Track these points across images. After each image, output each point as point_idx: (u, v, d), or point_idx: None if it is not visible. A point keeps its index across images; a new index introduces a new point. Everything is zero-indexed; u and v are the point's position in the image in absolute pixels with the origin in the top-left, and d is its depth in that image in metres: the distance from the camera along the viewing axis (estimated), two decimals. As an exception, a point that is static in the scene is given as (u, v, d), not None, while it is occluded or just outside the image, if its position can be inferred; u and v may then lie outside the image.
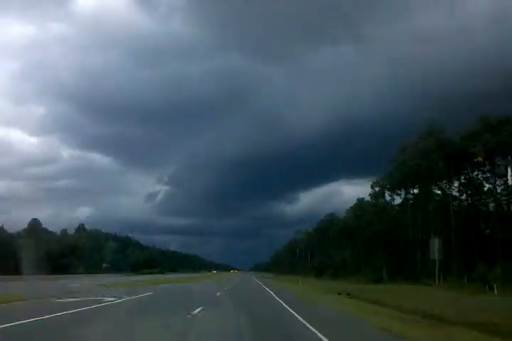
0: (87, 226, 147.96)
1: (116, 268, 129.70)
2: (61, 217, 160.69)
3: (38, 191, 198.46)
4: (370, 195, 75.85)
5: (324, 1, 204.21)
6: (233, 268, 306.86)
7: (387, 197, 70.60)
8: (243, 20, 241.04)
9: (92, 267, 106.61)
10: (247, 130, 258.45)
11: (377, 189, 73.04)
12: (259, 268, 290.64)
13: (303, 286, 49.26)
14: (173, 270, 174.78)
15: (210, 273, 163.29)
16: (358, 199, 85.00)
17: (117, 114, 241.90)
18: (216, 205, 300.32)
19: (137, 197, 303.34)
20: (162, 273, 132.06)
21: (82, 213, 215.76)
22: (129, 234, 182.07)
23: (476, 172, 53.97)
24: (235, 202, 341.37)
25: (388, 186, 68.84)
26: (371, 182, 72.50)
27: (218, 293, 30.62)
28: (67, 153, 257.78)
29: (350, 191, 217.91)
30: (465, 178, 55.26)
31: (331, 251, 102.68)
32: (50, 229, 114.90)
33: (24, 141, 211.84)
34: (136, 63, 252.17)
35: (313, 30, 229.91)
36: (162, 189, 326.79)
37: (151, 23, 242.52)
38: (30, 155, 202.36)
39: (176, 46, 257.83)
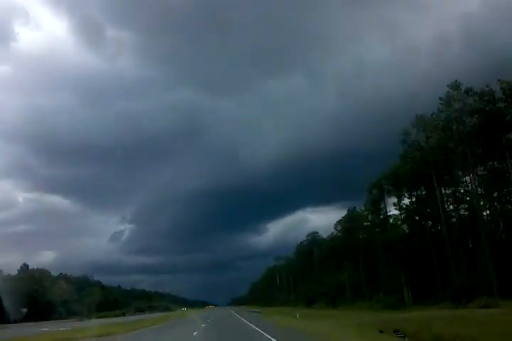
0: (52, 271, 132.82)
1: (69, 312, 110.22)
2: (22, 262, 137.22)
3: None
4: (366, 201, 62.31)
5: (270, 33, 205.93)
6: (209, 304, 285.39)
7: (391, 200, 57.03)
8: (191, 56, 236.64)
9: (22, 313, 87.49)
10: (207, 163, 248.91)
11: (374, 191, 59.62)
12: (237, 302, 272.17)
13: (308, 322, 34.32)
14: (141, 310, 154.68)
15: (181, 311, 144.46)
16: (349, 210, 71.17)
17: (71, 154, 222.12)
18: (185, 241, 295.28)
19: (101, 237, 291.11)
20: (123, 314, 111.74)
21: (45, 257, 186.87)
22: (91, 275, 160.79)
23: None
24: (204, 237, 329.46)
25: (391, 187, 55.41)
26: (368, 185, 58.96)
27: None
28: (23, 197, 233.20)
29: (316, 219, 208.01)
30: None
31: (322, 276, 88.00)
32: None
33: None
34: (86, 103, 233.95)
35: (264, 62, 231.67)
36: (127, 227, 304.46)
37: (99, 62, 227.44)
38: None
39: (126, 84, 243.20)
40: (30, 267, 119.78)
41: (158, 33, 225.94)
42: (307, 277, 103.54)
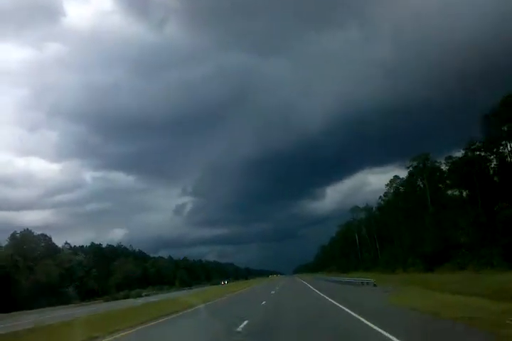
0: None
1: (85, 291, 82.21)
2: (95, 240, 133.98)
3: (67, 217, 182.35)
4: None
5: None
6: (273, 273, 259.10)
7: None
8: (237, 17, 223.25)
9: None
10: (262, 128, 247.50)
11: None
12: (304, 269, 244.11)
13: None
14: (188, 284, 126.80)
15: (234, 283, 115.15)
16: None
17: (130, 129, 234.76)
18: (245, 211, 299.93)
19: (165, 211, 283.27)
20: (139, 295, 78.42)
21: (115, 234, 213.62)
22: (128, 243, 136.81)
23: None
24: (264, 206, 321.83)
25: None
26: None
27: None
28: (91, 176, 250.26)
29: (376, 181, 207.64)
30: None
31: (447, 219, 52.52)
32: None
33: (46, 168, 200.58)
34: (138, 75, 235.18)
35: (310, 16, 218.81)
36: (188, 200, 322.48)
37: (146, 33, 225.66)
38: (54, 182, 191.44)
39: (175, 52, 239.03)
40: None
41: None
42: (411, 225, 68.40)
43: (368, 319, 13.06)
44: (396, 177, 75.10)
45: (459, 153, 52.17)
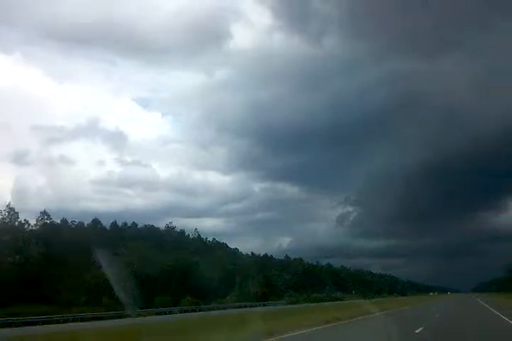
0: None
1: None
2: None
3: (238, 225, 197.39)
4: None
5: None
6: (443, 290, 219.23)
7: None
8: (398, 23, 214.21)
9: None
10: (429, 134, 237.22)
11: None
12: (487, 288, 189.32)
13: None
14: (318, 300, 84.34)
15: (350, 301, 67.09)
16: None
17: (292, 142, 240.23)
18: (411, 223, 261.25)
19: (327, 221, 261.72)
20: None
21: (281, 243, 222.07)
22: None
23: None
24: (432, 218, 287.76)
25: None
26: None
27: None
28: (258, 187, 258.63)
29: None
30: None
31: None
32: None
33: (219, 180, 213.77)
34: (299, 88, 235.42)
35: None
36: (350, 211, 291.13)
37: (305, 46, 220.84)
38: (225, 193, 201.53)
39: (334, 63, 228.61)
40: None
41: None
42: None
43: None
44: None
45: None
